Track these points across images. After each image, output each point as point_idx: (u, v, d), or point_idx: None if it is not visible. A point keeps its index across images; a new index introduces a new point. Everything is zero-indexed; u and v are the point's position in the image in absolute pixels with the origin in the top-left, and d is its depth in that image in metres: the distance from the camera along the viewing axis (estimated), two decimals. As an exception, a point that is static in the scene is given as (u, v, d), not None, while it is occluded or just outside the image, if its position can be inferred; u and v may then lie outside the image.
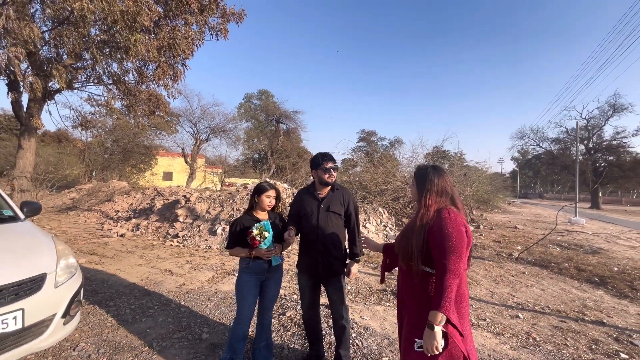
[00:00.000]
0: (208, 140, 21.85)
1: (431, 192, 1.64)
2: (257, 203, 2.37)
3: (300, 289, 2.46)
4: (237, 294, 2.30)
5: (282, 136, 33.04)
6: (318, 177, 2.34)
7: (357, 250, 2.33)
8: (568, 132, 36.41)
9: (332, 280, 2.29)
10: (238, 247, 2.27)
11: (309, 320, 2.43)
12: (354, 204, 2.37)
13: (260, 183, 2.43)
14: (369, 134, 53.25)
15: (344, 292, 2.31)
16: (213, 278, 4.60)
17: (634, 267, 6.39)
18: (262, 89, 51.38)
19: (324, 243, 2.27)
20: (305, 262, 2.38)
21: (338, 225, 2.31)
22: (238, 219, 2.34)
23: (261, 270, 2.27)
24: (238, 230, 2.28)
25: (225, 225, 7.32)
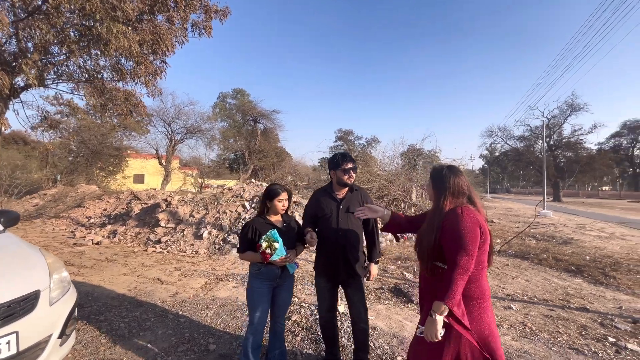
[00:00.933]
0: (183, 140, 21.06)
1: (447, 192, 1.66)
2: (270, 208, 2.28)
3: (319, 292, 2.40)
4: (249, 302, 2.20)
5: (260, 136, 32.50)
6: (337, 177, 2.30)
7: (376, 252, 2.31)
8: (532, 130, 38.71)
9: (353, 282, 2.25)
10: (250, 251, 2.18)
11: (327, 324, 2.37)
12: (371, 204, 2.33)
13: (271, 186, 2.32)
14: (346, 133, 53.74)
15: (364, 294, 2.29)
16: (206, 285, 4.41)
17: (604, 255, 6.89)
18: (237, 88, 50.28)
19: (344, 245, 2.23)
20: (325, 265, 2.32)
21: (357, 227, 2.28)
22: (250, 223, 2.24)
23: (273, 277, 2.19)
24: (250, 235, 2.19)
25: (212, 228, 7.07)
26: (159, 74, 6.20)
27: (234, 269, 5.25)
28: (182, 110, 19.86)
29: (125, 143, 22.58)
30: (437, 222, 1.63)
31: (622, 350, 2.96)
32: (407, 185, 11.35)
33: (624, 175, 58.92)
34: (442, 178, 1.70)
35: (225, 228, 7.05)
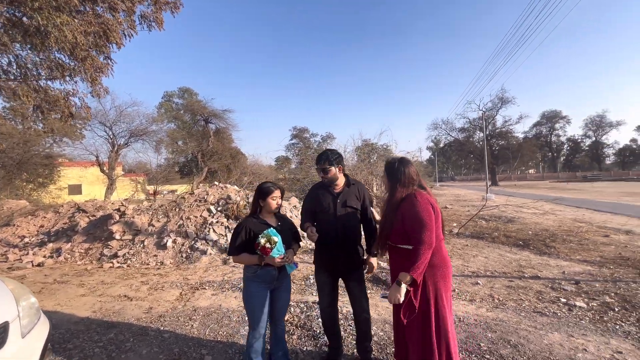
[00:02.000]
0: (128, 144, 19.28)
1: (400, 182, 1.91)
2: (263, 206, 2.22)
3: (319, 286, 2.40)
4: (248, 307, 2.13)
5: (213, 137, 31.03)
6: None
7: (375, 245, 2.33)
8: (471, 122, 42.51)
9: (354, 274, 2.29)
10: (246, 253, 2.09)
11: (328, 319, 2.39)
12: (369, 198, 2.38)
13: (263, 184, 2.25)
14: (301, 131, 53.81)
15: (365, 285, 2.34)
16: (182, 296, 4.14)
17: (542, 229, 7.87)
18: (184, 87, 47.59)
19: (343, 238, 2.26)
20: (325, 259, 2.33)
21: (355, 220, 2.31)
22: (244, 223, 2.15)
23: (271, 278, 2.13)
24: (244, 236, 2.10)
25: (176, 236, 6.63)
26: (104, 70, 5.56)
27: (208, 277, 5.00)
28: (124, 112, 18.11)
29: (58, 150, 20.00)
30: (393, 209, 1.88)
31: (573, 308, 3.44)
32: (369, 179, 11.76)
33: (545, 159, 67.51)
34: (394, 170, 1.95)
35: (191, 235, 6.66)
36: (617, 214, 10.25)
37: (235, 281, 4.67)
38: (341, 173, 2.36)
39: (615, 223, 8.62)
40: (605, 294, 3.81)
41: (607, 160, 64.36)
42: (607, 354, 2.45)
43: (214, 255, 6.15)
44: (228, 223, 7.01)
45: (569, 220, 9.35)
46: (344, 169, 2.38)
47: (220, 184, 8.80)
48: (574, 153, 64.58)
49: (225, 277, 4.93)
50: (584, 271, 4.79)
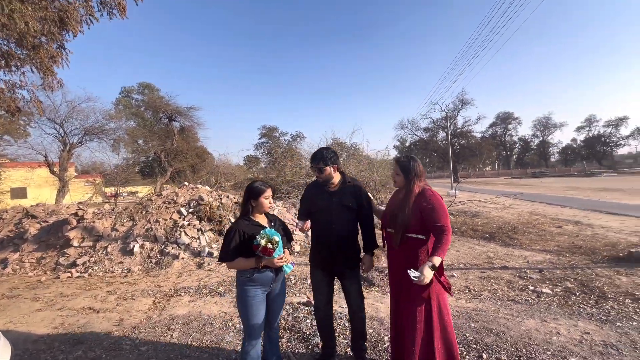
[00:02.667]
0: (82, 143, 17.75)
1: (417, 176, 2.04)
2: (255, 207, 2.12)
3: (315, 286, 2.35)
4: (244, 313, 2.02)
5: (177, 135, 29.57)
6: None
7: (372, 243, 2.32)
8: (434, 122, 44.55)
9: (349, 273, 2.26)
10: (241, 258, 1.99)
11: (324, 319, 2.34)
12: (366, 196, 2.34)
13: (253, 184, 2.14)
14: (271, 130, 53.02)
15: (361, 284, 2.32)
16: (155, 304, 3.87)
17: (505, 222, 8.43)
18: (144, 82, 44.88)
19: (339, 237, 2.23)
20: (321, 257, 2.29)
21: (352, 219, 2.28)
22: (235, 227, 2.03)
23: (268, 281, 2.05)
24: (239, 239, 1.99)
25: (144, 241, 6.21)
26: (57, 60, 5.00)
27: (182, 282, 4.73)
28: (77, 108, 16.61)
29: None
30: (410, 202, 1.96)
31: (541, 295, 3.70)
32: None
33: (500, 157, 72.60)
34: (410, 166, 2.05)
35: (160, 239, 6.27)
36: (566, 207, 11.28)
37: (212, 286, 4.46)
38: (337, 172, 2.31)
39: (565, 215, 9.46)
40: (566, 280, 4.15)
41: (552, 158, 70.67)
42: (577, 336, 2.66)
43: (186, 259, 5.84)
44: (201, 225, 6.70)
45: (526, 213, 10.11)
46: (339, 167, 2.34)
47: (190, 184, 8.39)
48: (524, 151, 70.10)
49: (201, 282, 4.70)
50: (545, 260, 5.19)
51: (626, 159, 70.94)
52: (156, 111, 30.80)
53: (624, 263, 4.70)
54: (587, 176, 37.95)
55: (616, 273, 4.30)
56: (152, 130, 30.91)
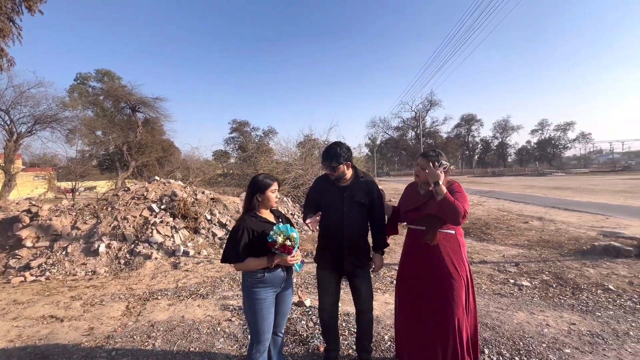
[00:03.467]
0: (32, 133, 16.05)
1: (446, 171, 1.97)
2: (261, 202, 1.95)
3: (322, 286, 2.23)
4: (254, 318, 1.83)
5: (141, 127, 27.75)
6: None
7: (382, 241, 2.21)
8: (404, 121, 45.96)
9: (359, 272, 2.15)
10: (251, 257, 1.81)
11: (330, 320, 2.23)
12: (378, 192, 2.22)
13: (258, 177, 1.97)
14: (242, 124, 51.62)
15: (371, 284, 2.22)
16: (129, 309, 3.53)
17: (477, 219, 8.82)
18: (103, 69, 41.70)
19: (349, 235, 2.11)
20: (330, 256, 2.17)
21: (362, 216, 2.16)
22: (242, 224, 1.84)
23: (279, 281, 1.90)
24: (247, 238, 1.81)
25: (111, 240, 5.69)
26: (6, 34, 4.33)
27: (157, 285, 4.38)
28: (26, 93, 14.95)
29: None
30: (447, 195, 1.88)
31: (522, 288, 3.86)
32: (320, 174, 11.79)
33: (463, 156, 76.60)
34: (441, 161, 1.96)
35: (129, 237, 5.79)
36: (528, 204, 12.07)
37: (192, 287, 4.17)
38: (350, 168, 2.19)
39: (529, 211, 10.11)
40: (541, 272, 4.38)
41: (509, 158, 75.89)
42: (565, 327, 2.78)
43: (160, 259, 5.43)
44: (175, 222, 6.28)
45: (494, 210, 10.67)
46: (352, 163, 2.20)
47: (161, 179, 7.85)
48: (485, 152, 74.56)
49: (179, 283, 4.38)
50: (519, 254, 5.46)
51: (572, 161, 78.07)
52: (117, 101, 28.74)
53: (589, 255, 5.06)
54: (539, 175, 41.23)
55: (584, 265, 4.61)
56: (112, 121, 28.85)
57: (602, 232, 6.62)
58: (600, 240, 5.63)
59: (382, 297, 3.65)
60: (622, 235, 6.16)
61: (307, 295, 3.68)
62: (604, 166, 64.16)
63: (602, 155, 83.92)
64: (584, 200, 12.70)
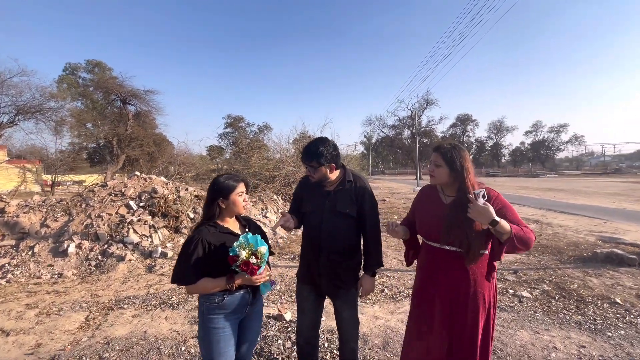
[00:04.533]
0: (14, 123, 15.42)
1: (469, 171, 1.56)
2: (225, 209, 1.57)
3: (300, 305, 1.90)
4: (207, 350, 1.48)
5: (132, 120, 27.05)
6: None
7: (374, 261, 1.81)
8: (400, 120, 45.68)
9: (342, 293, 1.80)
10: (206, 278, 1.45)
11: (306, 346, 1.90)
12: (370, 201, 1.82)
13: (219, 179, 1.59)
14: (237, 120, 50.97)
15: (357, 309, 1.86)
16: (88, 321, 3.15)
17: (472, 221, 8.54)
18: (93, 60, 40.65)
19: (327, 250, 1.75)
20: (307, 272, 1.84)
21: (348, 228, 1.78)
22: (196, 236, 1.48)
23: (243, 305, 1.54)
24: (202, 253, 1.45)
25: (82, 239, 5.28)
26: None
27: (127, 290, 4.00)
28: (7, 82, 14.31)
29: None
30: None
31: (522, 299, 3.56)
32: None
33: (458, 156, 76.78)
34: (455, 156, 1.57)
35: (103, 237, 5.38)
36: (523, 205, 11.86)
37: (164, 294, 3.80)
38: (334, 171, 1.79)
39: (525, 213, 9.88)
40: (542, 282, 4.09)
41: (504, 159, 76.25)
42: (574, 350, 2.47)
43: (134, 261, 5.04)
44: (154, 221, 5.88)
45: (489, 211, 10.42)
46: (338, 165, 1.80)
47: (142, 174, 7.42)
48: (480, 152, 74.73)
49: (151, 289, 4.00)
50: (516, 260, 5.17)
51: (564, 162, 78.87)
52: (108, 93, 28.07)
53: (590, 263, 4.80)
54: (532, 177, 41.40)
55: (586, 274, 4.33)
56: (102, 114, 28.20)
57: (601, 238, 6.38)
58: (601, 247, 5.38)
59: (371, 310, 3.31)
60: (623, 242, 5.92)
61: (289, 306, 3.33)
62: (595, 168, 64.91)
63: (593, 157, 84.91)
64: (579, 202, 12.55)
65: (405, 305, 3.47)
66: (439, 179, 1.62)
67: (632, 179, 31.97)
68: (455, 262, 1.59)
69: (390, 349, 2.54)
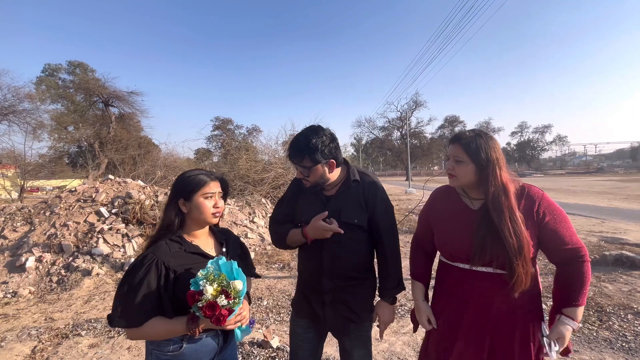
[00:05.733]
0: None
1: (497, 166, 1.17)
2: (189, 214, 1.13)
3: (294, 342, 1.44)
4: None
5: (115, 123, 26.08)
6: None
7: (393, 283, 1.35)
8: (390, 121, 45.78)
9: (352, 329, 1.35)
10: (158, 318, 1.00)
11: None
12: (384, 202, 1.37)
13: (184, 174, 1.16)
14: (225, 122, 50.12)
15: (371, 348, 1.41)
16: (35, 354, 2.62)
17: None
18: (75, 61, 39.27)
19: (333, 276, 1.31)
20: (304, 302, 1.40)
21: (358, 243, 1.33)
22: (149, 256, 1.03)
23: (209, 354, 1.10)
24: (155, 282, 1.00)
25: (44, 252, 4.69)
26: None
27: (89, 311, 3.46)
28: (-26, 81, 13.38)
29: None
30: (513, 206, 1.13)
31: (538, 311, 3.20)
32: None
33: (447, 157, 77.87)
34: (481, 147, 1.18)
35: (67, 249, 4.80)
36: (517, 206, 11.70)
37: (132, 316, 3.28)
38: (335, 168, 1.34)
39: (520, 214, 9.67)
40: (554, 290, 3.75)
41: (490, 159, 77.49)
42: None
43: (103, 275, 4.49)
44: (128, 229, 5.32)
45: (484, 212, 10.20)
46: (338, 161, 1.34)
47: (117, 178, 6.83)
48: (468, 153, 75.86)
49: (117, 310, 3.48)
50: (521, 265, 4.85)
51: (548, 162, 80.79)
52: (89, 94, 27.12)
53: (600, 267, 4.50)
54: (521, 177, 41.84)
55: (598, 280, 4.02)
56: (84, 116, 27.19)
57: (603, 238, 6.15)
58: (608, 249, 5.11)
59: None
60: (627, 242, 5.69)
61: (276, 328, 2.87)
62: (578, 168, 66.61)
63: (576, 157, 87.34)
64: (571, 202, 12.48)
65: (408, 323, 3.06)
66: (462, 179, 1.22)
67: (614, 177, 32.73)
68: (495, 288, 1.18)
69: (398, 383, 2.11)
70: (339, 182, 1.37)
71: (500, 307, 1.18)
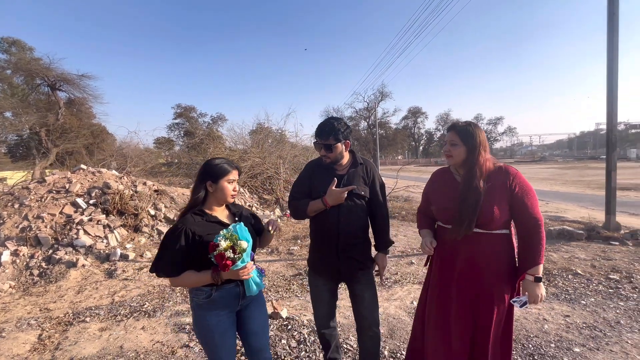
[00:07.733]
0: None
1: (481, 147, 1.53)
2: (213, 194, 1.42)
3: (315, 295, 1.84)
4: (205, 346, 1.41)
5: (64, 109, 23.82)
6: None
7: (387, 238, 1.82)
8: (357, 111, 46.66)
9: (361, 275, 1.74)
10: (190, 271, 1.32)
11: (328, 335, 1.86)
12: (380, 180, 1.84)
13: (212, 161, 1.44)
14: (187, 109, 47.79)
15: (376, 291, 1.80)
16: (43, 340, 2.65)
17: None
18: (10, 38, 34.77)
19: (346, 235, 1.69)
20: (323, 261, 1.76)
21: (362, 209, 1.75)
22: (180, 225, 1.34)
23: (234, 298, 1.41)
24: (185, 244, 1.30)
25: (19, 245, 4.47)
26: None
27: (86, 301, 3.46)
28: None
29: None
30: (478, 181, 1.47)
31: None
32: (277, 162, 11.11)
33: (409, 147, 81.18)
34: (471, 133, 1.52)
35: (45, 241, 4.61)
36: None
37: (134, 302, 3.36)
38: (346, 152, 1.77)
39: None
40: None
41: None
42: (561, 320, 2.67)
43: (89, 266, 4.41)
44: (109, 220, 5.20)
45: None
46: (350, 144, 1.77)
47: (89, 168, 6.52)
48: (429, 143, 79.82)
49: (115, 297, 3.52)
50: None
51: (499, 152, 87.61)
52: (31, 76, 24.39)
53: (547, 240, 5.28)
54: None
55: (545, 250, 4.77)
56: (25, 101, 24.43)
57: (547, 217, 7.12)
58: (552, 225, 5.98)
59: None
60: (567, 219, 6.67)
61: (282, 303, 3.14)
62: (525, 157, 73.15)
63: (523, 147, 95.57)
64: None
65: (397, 291, 3.50)
66: (457, 158, 1.56)
67: (555, 165, 36.56)
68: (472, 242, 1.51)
69: (397, 336, 2.51)
70: (348, 164, 1.77)
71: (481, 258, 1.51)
